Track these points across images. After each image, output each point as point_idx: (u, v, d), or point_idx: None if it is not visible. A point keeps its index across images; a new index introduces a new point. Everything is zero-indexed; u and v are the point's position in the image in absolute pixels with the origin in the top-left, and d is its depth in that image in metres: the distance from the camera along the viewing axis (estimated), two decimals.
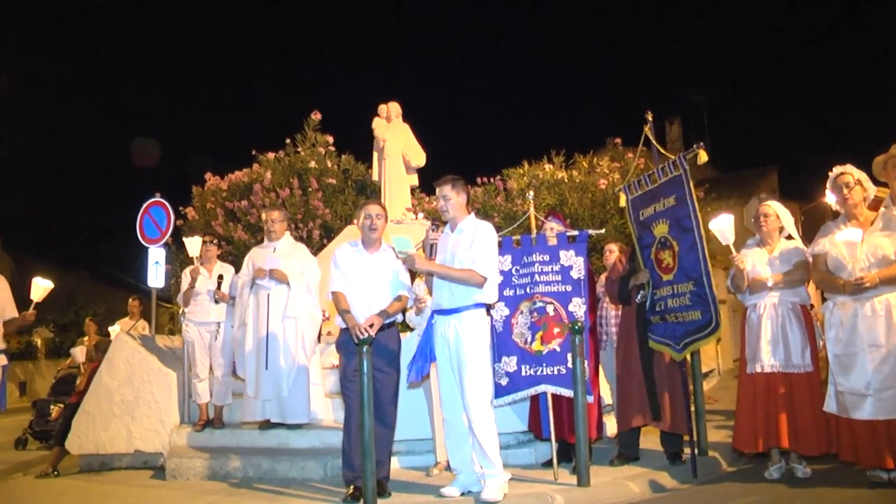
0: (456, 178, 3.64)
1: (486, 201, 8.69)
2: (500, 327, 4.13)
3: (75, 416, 5.28)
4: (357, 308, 3.66)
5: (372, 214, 3.79)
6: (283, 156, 9.61)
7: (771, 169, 21.75)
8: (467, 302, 3.46)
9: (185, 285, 5.30)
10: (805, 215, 18.02)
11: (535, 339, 4.03)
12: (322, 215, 8.83)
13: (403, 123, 8.66)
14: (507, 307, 4.15)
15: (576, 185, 8.67)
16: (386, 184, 8.33)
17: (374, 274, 3.74)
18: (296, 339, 4.73)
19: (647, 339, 4.14)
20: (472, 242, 3.48)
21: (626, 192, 4.47)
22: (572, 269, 4.10)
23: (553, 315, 4.03)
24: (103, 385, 5.25)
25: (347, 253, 3.81)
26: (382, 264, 3.78)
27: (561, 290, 4.07)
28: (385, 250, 3.84)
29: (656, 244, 4.11)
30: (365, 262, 3.78)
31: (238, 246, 8.56)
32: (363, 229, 3.82)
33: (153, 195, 6.57)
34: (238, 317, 4.88)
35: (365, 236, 3.83)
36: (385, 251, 3.83)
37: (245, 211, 8.95)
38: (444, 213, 3.64)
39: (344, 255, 3.81)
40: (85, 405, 5.27)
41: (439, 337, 3.55)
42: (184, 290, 5.28)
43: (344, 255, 3.81)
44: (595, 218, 8.27)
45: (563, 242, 4.20)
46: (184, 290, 5.28)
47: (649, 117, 4.28)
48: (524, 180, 8.87)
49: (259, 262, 4.82)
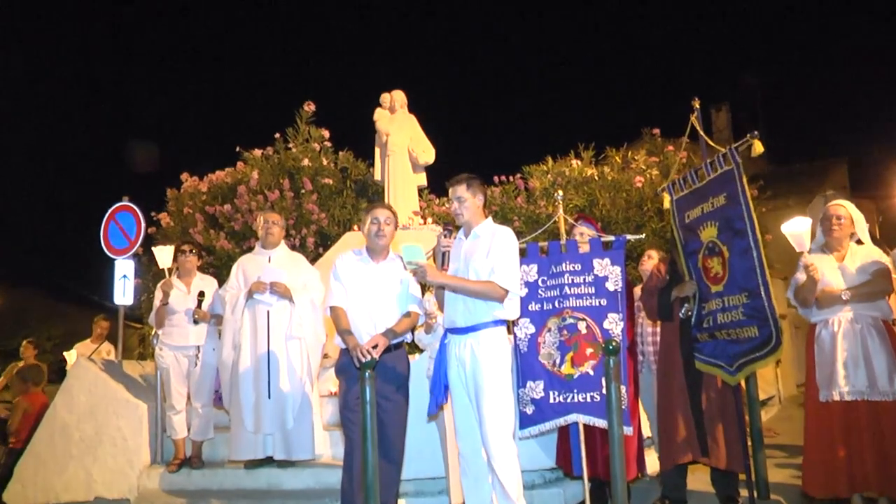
0: (471, 176, 3.69)
1: (504, 203, 8.74)
2: (524, 347, 4.15)
3: (18, 462, 5.21)
4: (360, 326, 3.70)
5: (380, 219, 3.84)
6: (272, 153, 9.72)
7: (838, 161, 21.58)
8: (485, 318, 3.49)
9: (157, 302, 5.34)
10: (882, 214, 17.83)
11: (565, 361, 4.05)
12: (317, 220, 8.90)
13: (409, 115, 8.74)
14: (533, 324, 4.17)
15: (608, 183, 8.70)
16: (390, 184, 8.41)
17: (380, 287, 3.79)
18: (301, 362, 4.75)
19: (693, 360, 4.14)
20: (490, 250, 3.52)
21: (669, 192, 4.49)
22: (608, 279, 4.12)
23: (585, 333, 4.05)
24: (58, 420, 5.20)
25: (350, 263, 3.87)
26: (390, 276, 3.83)
27: (595, 305, 4.09)
28: (393, 260, 3.89)
29: (703, 250, 4.12)
30: (370, 273, 3.83)
31: (220, 256, 8.65)
32: (369, 236, 3.86)
33: (120, 198, 6.65)
34: (229, 338, 4.87)
35: (371, 244, 3.87)
36: (393, 261, 3.89)
37: (228, 216, 9.04)
38: (458, 216, 3.68)
39: (346, 265, 3.86)
40: (33, 447, 5.20)
41: (453, 359, 3.58)
42: (156, 308, 5.32)
43: (346, 265, 3.86)
44: (630, 221, 8.30)
45: (598, 249, 4.23)
46: (156, 308, 5.32)
47: (696, 104, 4.30)
48: (548, 178, 8.91)
49: (252, 272, 4.84)
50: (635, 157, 9.18)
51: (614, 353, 3.73)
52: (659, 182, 8.11)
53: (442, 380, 3.60)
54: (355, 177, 9.85)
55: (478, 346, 3.48)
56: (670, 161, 8.78)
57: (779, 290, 4.75)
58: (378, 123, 8.74)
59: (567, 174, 8.90)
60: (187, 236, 8.94)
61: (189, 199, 9.72)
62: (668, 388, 4.24)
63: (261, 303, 4.74)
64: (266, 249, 4.97)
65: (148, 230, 8.40)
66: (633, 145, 9.99)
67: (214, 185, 9.72)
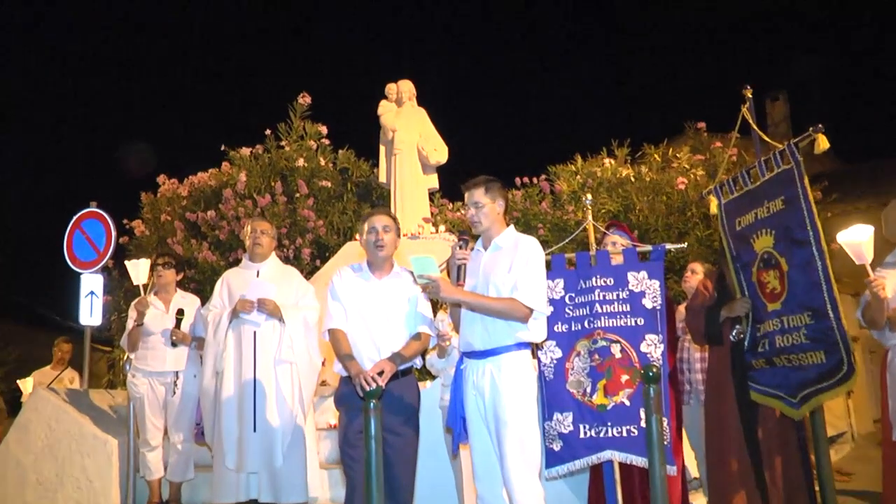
0: (489, 179, 3.73)
1: (527, 208, 8.78)
2: (550, 374, 4.16)
3: None
4: (362, 351, 3.74)
5: (377, 227, 3.88)
6: (262, 152, 9.83)
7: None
8: (507, 341, 3.51)
9: (131, 322, 5.39)
10: None
11: (597, 390, 4.07)
12: (314, 229, 8.98)
13: (419, 108, 8.82)
14: (559, 347, 4.19)
15: (645, 185, 8.73)
16: (397, 187, 8.48)
17: (384, 306, 3.83)
18: (292, 390, 4.77)
19: (747, 389, 4.13)
20: (512, 263, 3.55)
21: (716, 195, 4.50)
22: (645, 295, 4.14)
23: (620, 357, 4.06)
24: (11, 460, 5.21)
25: (349, 279, 3.91)
26: (395, 293, 3.87)
27: (630, 325, 4.10)
28: (398, 274, 3.93)
29: (758, 262, 4.11)
30: (372, 290, 3.87)
31: (203, 270, 8.73)
32: (367, 247, 3.92)
33: (87, 204, 6.71)
34: (210, 362, 4.89)
35: (371, 256, 3.92)
36: (398, 275, 3.93)
37: (212, 224, 9.13)
38: (475, 224, 3.72)
39: (344, 281, 3.90)
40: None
41: (470, 387, 3.60)
42: (129, 330, 5.37)
43: (344, 281, 3.90)
44: (671, 228, 8.32)
45: (633, 261, 4.24)
46: (129, 330, 5.37)
47: (748, 93, 4.31)
48: (577, 180, 8.95)
49: (238, 288, 4.89)
50: (677, 154, 9.21)
51: (654, 380, 3.73)
52: (705, 184, 8.10)
53: (458, 410, 3.61)
54: (357, 179, 9.93)
55: (498, 372, 3.50)
56: (718, 159, 8.78)
57: (849, 309, 4.72)
58: (383, 118, 8.82)
59: (599, 175, 8.94)
60: (165, 247, 9.02)
61: (167, 204, 9.83)
62: (719, 422, 4.23)
63: (247, 322, 4.77)
64: (254, 262, 5.01)
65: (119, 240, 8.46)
66: (675, 142, 10.00)
67: (196, 188, 9.83)
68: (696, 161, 9.00)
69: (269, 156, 9.73)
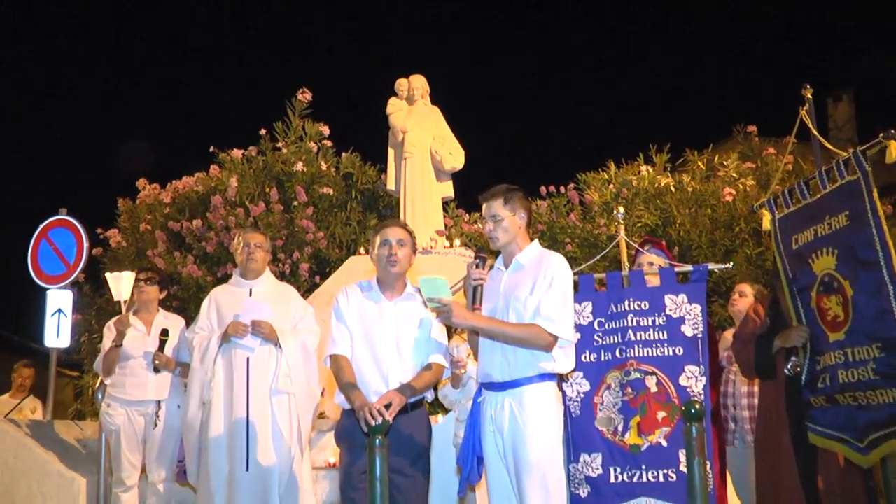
0: (510, 188, 3.75)
1: (553, 221, 8.79)
2: (576, 410, 4.17)
3: None
4: (368, 381, 3.75)
5: (391, 240, 3.90)
6: (256, 154, 9.87)
7: None
8: (529, 372, 3.52)
9: (107, 344, 5.40)
10: None
11: (630, 428, 4.06)
12: (313, 241, 9.00)
13: (432, 107, 8.87)
14: (587, 380, 4.20)
15: (687, 196, 8.74)
16: (407, 195, 8.51)
17: (394, 330, 3.84)
18: (290, 424, 4.76)
19: (804, 431, 4.10)
20: (535, 284, 3.57)
21: (769, 209, 4.50)
22: (684, 322, 4.14)
23: (656, 391, 4.06)
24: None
25: (356, 299, 3.93)
26: (407, 317, 3.89)
27: (668, 354, 4.11)
28: (412, 296, 3.95)
29: (817, 285, 4.09)
30: (382, 312, 3.88)
31: (187, 287, 8.77)
32: (379, 263, 3.93)
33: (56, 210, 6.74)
34: (196, 392, 4.89)
35: (382, 273, 3.94)
36: (412, 297, 3.95)
37: (198, 235, 9.18)
38: (494, 240, 3.74)
39: (350, 302, 3.92)
40: None
41: (488, 423, 3.61)
42: (105, 352, 5.39)
43: (350, 302, 3.92)
44: (717, 245, 8.30)
45: (671, 282, 4.25)
46: (105, 352, 5.39)
47: (807, 93, 4.30)
48: (610, 190, 8.97)
49: (229, 308, 4.91)
50: (724, 162, 9.19)
51: (696, 418, 3.70)
52: (756, 195, 8.09)
53: (474, 449, 3.62)
54: (362, 185, 9.96)
55: (519, 407, 3.51)
56: (771, 168, 8.78)
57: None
58: (392, 118, 8.86)
59: (634, 184, 8.95)
60: (144, 260, 9.06)
61: (147, 212, 9.88)
62: (772, 469, 4.21)
63: (239, 347, 4.78)
64: (246, 279, 5.04)
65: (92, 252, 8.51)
66: (722, 147, 9.99)
67: (180, 194, 9.87)
68: (745, 169, 8.98)
69: (264, 159, 9.77)
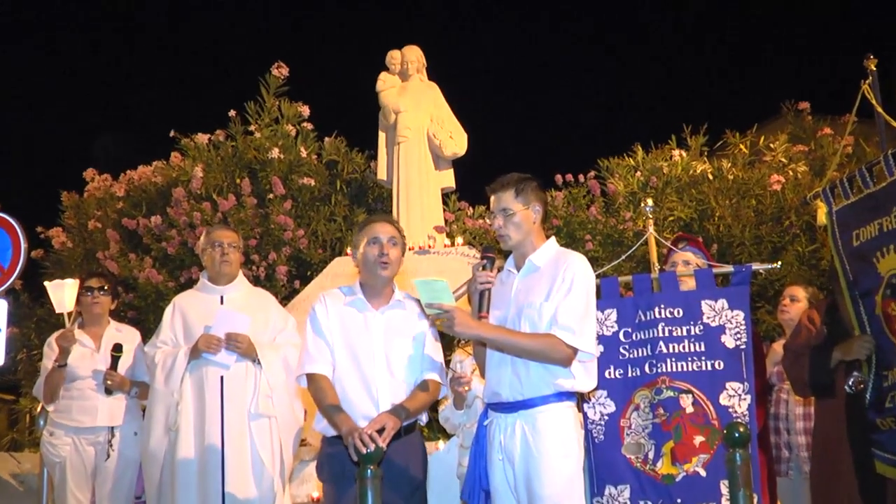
0: (522, 177, 3.76)
1: (571, 215, 8.79)
2: (600, 434, 4.19)
3: None
4: (355, 403, 3.75)
5: (381, 238, 3.90)
6: (225, 139, 9.86)
7: None
8: (544, 390, 3.54)
9: (48, 364, 5.36)
10: None
11: (663, 456, 4.08)
12: (292, 240, 8.98)
13: (430, 83, 8.87)
14: (612, 399, 4.22)
15: (728, 184, 8.74)
16: (401, 186, 8.51)
17: (383, 343, 3.85)
18: (271, 454, 4.76)
19: (870, 458, 4.12)
20: (552, 288, 3.58)
21: (825, 199, 4.49)
22: (725, 331, 4.16)
23: (693, 412, 4.08)
24: None
25: (337, 308, 3.93)
26: (398, 328, 3.90)
27: (705, 369, 4.13)
28: (401, 303, 3.97)
29: (883, 288, 4.09)
30: (368, 323, 3.89)
31: (145, 294, 8.76)
32: (365, 265, 3.94)
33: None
34: (160, 417, 4.88)
35: (368, 277, 3.95)
36: (401, 305, 3.96)
37: (158, 234, 9.16)
38: (504, 238, 3.75)
39: (330, 311, 3.92)
40: None
41: (497, 450, 3.62)
42: (47, 373, 5.34)
43: (330, 311, 3.92)
44: (762, 242, 8.32)
45: (709, 285, 4.26)
46: (47, 373, 5.34)
47: (870, 64, 4.30)
48: (637, 178, 8.98)
49: (197, 319, 4.92)
50: (771, 145, 9.19)
51: (740, 443, 3.70)
52: (809, 183, 8.10)
53: (480, 481, 3.64)
54: (349, 175, 9.95)
55: (533, 431, 3.51)
56: (827, 151, 8.78)
57: None
58: (383, 96, 8.86)
59: (665, 171, 8.96)
60: (94, 264, 9.04)
61: (97, 207, 9.86)
62: (831, 500, 4.22)
63: (211, 365, 4.78)
64: (217, 284, 5.04)
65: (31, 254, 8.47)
66: (768, 128, 9.97)
67: (136, 186, 9.85)
68: (796, 153, 8.97)
69: (234, 144, 9.75)
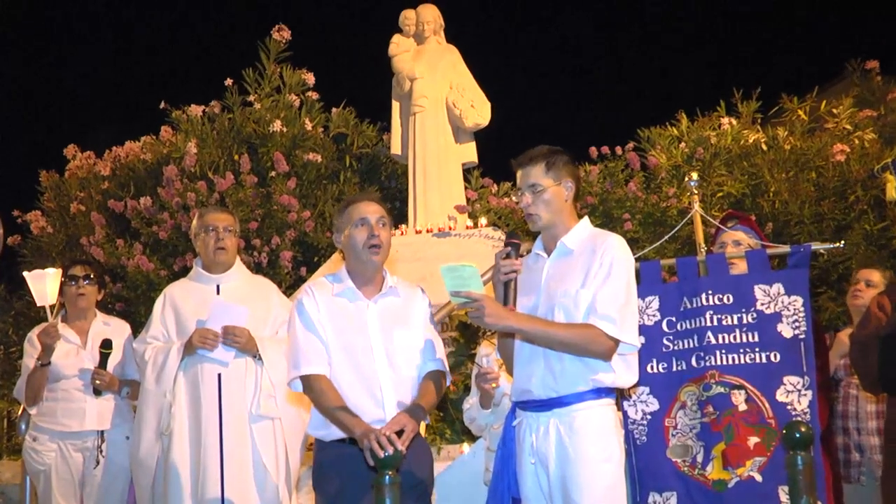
0: (553, 150, 3.75)
1: (607, 192, 8.76)
2: (642, 435, 4.19)
3: None
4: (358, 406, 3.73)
5: (370, 219, 3.88)
6: (220, 111, 9.90)
7: None
8: (581, 387, 3.53)
9: (29, 362, 5.37)
10: None
11: (713, 459, 4.07)
12: (297, 222, 9.00)
13: (449, 46, 8.85)
14: (655, 396, 4.22)
15: (784, 155, 8.71)
16: (418, 162, 8.52)
17: (381, 336, 3.85)
18: (275, 459, 4.79)
19: None
20: (588, 273, 3.56)
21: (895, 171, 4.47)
22: (781, 319, 4.14)
23: (746, 410, 4.07)
24: None
25: (325, 299, 3.92)
26: (393, 316, 3.91)
27: (760, 362, 4.12)
28: (393, 289, 3.97)
29: None
30: (362, 314, 3.89)
31: (135, 283, 8.82)
32: (352, 250, 3.91)
33: None
34: (151, 420, 4.91)
35: (357, 264, 3.94)
36: (394, 291, 3.97)
37: (148, 217, 9.22)
38: (534, 218, 3.74)
39: (320, 303, 3.91)
40: None
41: (527, 453, 3.62)
42: (28, 373, 5.36)
43: (320, 303, 3.91)
44: (825, 219, 8.29)
45: (762, 268, 4.25)
46: (28, 373, 5.36)
47: None
48: (681, 150, 8.95)
49: (191, 311, 4.95)
50: (833, 110, 9.12)
51: (801, 444, 3.68)
52: (878, 153, 8.04)
53: (509, 489, 3.64)
54: (359, 150, 9.96)
55: (568, 432, 3.51)
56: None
57: None
58: (397, 60, 8.85)
59: (713, 142, 8.93)
60: (78, 251, 9.12)
61: (79, 188, 9.93)
62: None
63: (207, 361, 4.79)
64: (212, 272, 5.06)
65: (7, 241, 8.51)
66: (831, 91, 9.90)
67: (123, 164, 9.92)
68: (863, 119, 8.91)
69: (231, 117, 9.78)
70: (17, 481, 5.41)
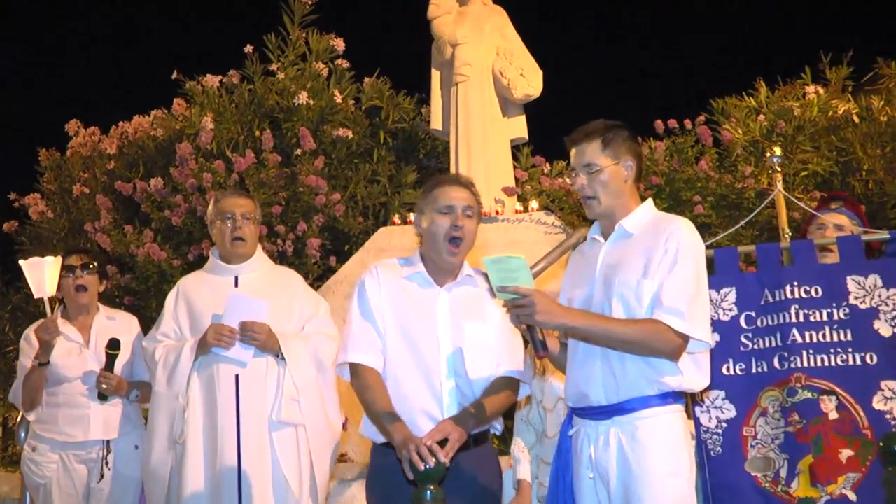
0: (611, 125, 3.74)
1: (674, 170, 8.72)
2: (717, 446, 4.18)
3: None
4: (414, 405, 3.78)
5: (457, 207, 3.89)
6: (240, 82, 9.97)
7: None
8: (646, 391, 3.52)
9: (26, 362, 5.41)
10: None
11: (799, 474, 4.05)
12: (325, 206, 9.03)
13: (496, 7, 8.85)
14: (731, 401, 4.20)
15: (880, 128, 8.63)
16: (460, 138, 8.52)
17: (451, 330, 3.87)
18: (298, 471, 4.82)
19: None
20: (651, 260, 3.55)
21: None
22: (878, 316, 4.11)
23: (837, 419, 4.04)
24: None
25: (392, 283, 3.94)
26: (468, 309, 3.91)
27: (853, 364, 4.09)
28: (471, 279, 3.99)
29: None
30: (433, 304, 3.91)
31: (145, 275, 8.88)
32: (432, 238, 3.91)
33: None
34: (163, 427, 4.95)
35: (434, 252, 3.93)
36: (472, 280, 3.99)
37: (159, 200, 9.29)
38: (590, 204, 3.72)
39: (384, 287, 3.93)
40: None
41: (585, 465, 3.63)
42: (25, 374, 5.39)
43: (384, 287, 3.93)
44: None
45: (855, 258, 4.21)
46: (25, 374, 5.39)
47: None
48: (759, 123, 8.87)
49: (206, 305, 4.99)
50: None
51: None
52: None
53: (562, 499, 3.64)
54: (394, 125, 9.97)
55: (631, 442, 3.51)
56: None
57: None
58: (437, 24, 8.85)
59: (797, 114, 8.85)
60: (82, 238, 9.24)
61: (83, 168, 10.05)
62: None
63: (224, 362, 4.82)
64: (230, 263, 5.09)
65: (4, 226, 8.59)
66: None
67: (131, 142, 10.02)
68: None
69: (251, 88, 9.84)
70: (15, 495, 5.46)
